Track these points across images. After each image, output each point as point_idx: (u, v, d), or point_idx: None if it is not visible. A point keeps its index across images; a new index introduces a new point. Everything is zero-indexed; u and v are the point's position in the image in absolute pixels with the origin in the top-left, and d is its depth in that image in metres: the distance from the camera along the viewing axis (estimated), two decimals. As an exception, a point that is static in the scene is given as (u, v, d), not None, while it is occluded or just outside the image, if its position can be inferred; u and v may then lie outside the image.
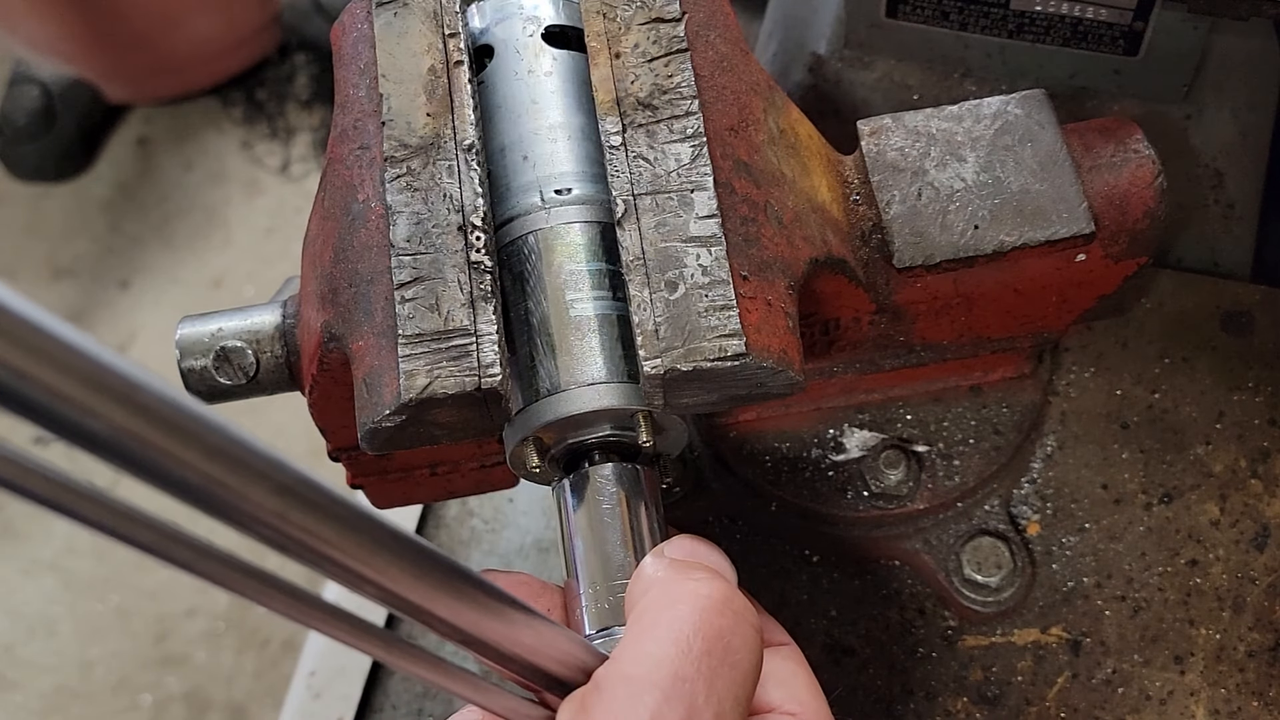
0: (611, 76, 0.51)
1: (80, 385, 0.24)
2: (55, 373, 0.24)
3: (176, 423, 0.26)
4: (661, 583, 0.42)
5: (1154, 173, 0.56)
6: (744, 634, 0.40)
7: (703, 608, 0.39)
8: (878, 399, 0.68)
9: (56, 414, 0.24)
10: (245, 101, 2.37)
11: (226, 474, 0.27)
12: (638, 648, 0.39)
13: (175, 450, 0.26)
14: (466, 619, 0.35)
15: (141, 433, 0.25)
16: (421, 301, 0.46)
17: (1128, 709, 0.64)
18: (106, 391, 0.24)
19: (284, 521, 0.28)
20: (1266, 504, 0.68)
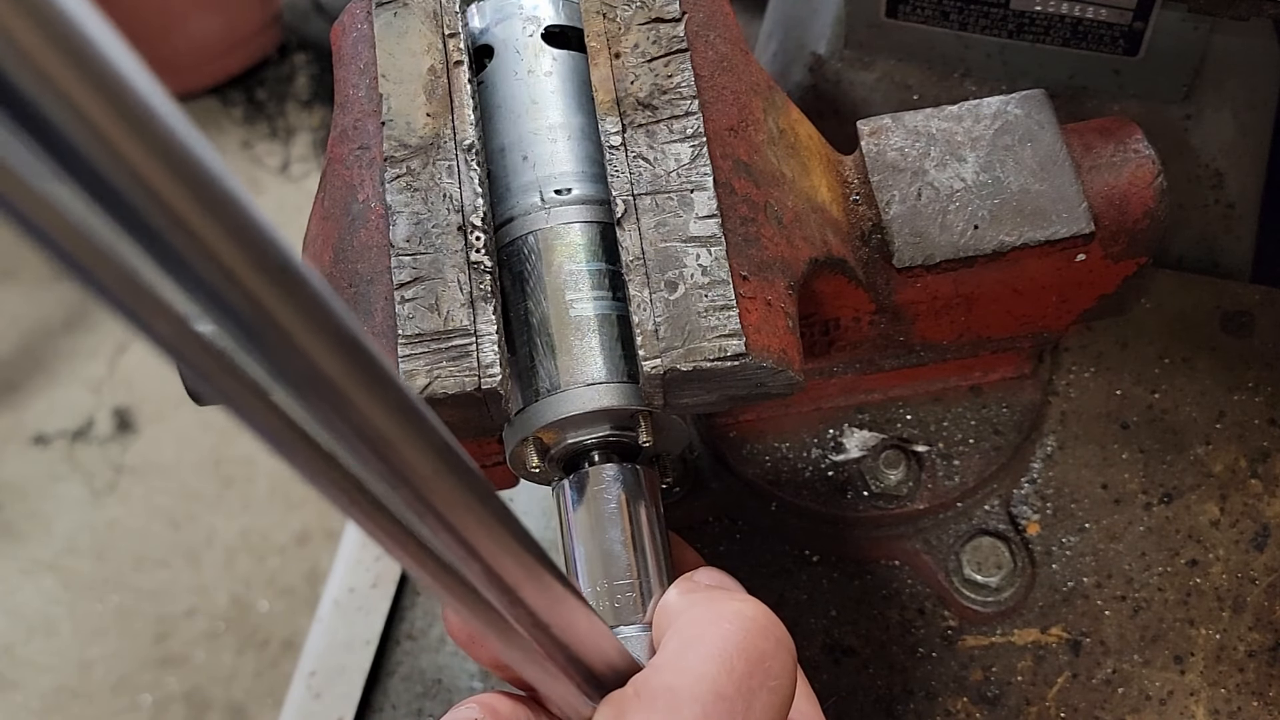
0: (611, 76, 0.51)
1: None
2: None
3: (365, 382, 0.25)
4: (705, 602, 0.43)
5: (1154, 173, 0.56)
6: (783, 660, 0.40)
7: (747, 629, 0.40)
8: (878, 399, 0.68)
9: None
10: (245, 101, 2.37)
11: (397, 430, 0.27)
12: (681, 660, 0.39)
13: (362, 404, 0.26)
14: (541, 601, 0.36)
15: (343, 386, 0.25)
16: (421, 301, 0.46)
17: (1128, 709, 0.64)
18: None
19: (425, 483, 0.28)
20: (1266, 504, 0.68)
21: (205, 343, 0.23)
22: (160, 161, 0.20)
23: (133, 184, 0.20)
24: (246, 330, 0.23)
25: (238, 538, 1.95)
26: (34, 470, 2.06)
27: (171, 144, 0.20)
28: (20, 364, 2.17)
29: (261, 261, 0.22)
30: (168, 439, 2.06)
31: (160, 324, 0.22)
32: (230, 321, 0.23)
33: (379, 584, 0.80)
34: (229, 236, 0.22)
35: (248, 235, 0.22)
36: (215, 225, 0.21)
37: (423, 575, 0.32)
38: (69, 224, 0.20)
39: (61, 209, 0.20)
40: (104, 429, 2.08)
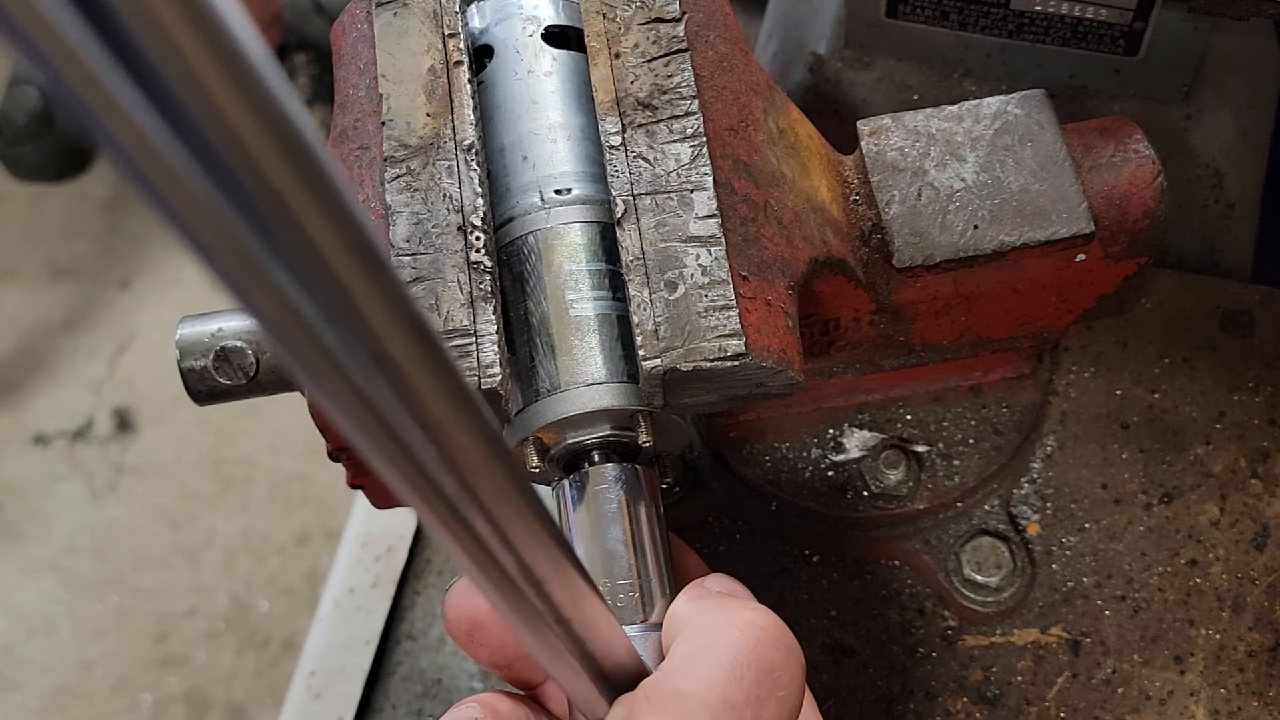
0: (611, 76, 0.51)
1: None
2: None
3: (428, 366, 0.26)
4: (716, 609, 0.43)
5: (1154, 173, 0.56)
6: (793, 671, 0.41)
7: (758, 639, 0.40)
8: (878, 399, 0.68)
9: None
10: (245, 101, 2.37)
11: (450, 416, 0.27)
12: (692, 667, 0.40)
13: (423, 387, 0.27)
14: (566, 597, 0.36)
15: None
16: (421, 301, 0.46)
17: (1128, 709, 0.64)
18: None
19: (455, 440, 0.28)
20: (1266, 504, 0.68)
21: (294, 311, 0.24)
22: (271, 143, 0.21)
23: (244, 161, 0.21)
24: (327, 305, 0.24)
25: (238, 538, 1.95)
26: (34, 470, 2.06)
27: (281, 123, 0.21)
28: (20, 364, 2.17)
29: (348, 241, 0.23)
30: (168, 439, 2.06)
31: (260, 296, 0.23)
32: (314, 295, 0.24)
33: (379, 584, 0.80)
34: (323, 215, 0.23)
35: (339, 214, 0.23)
36: (312, 203, 0.22)
37: (463, 557, 0.32)
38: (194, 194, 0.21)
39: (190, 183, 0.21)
40: (104, 429, 2.08)
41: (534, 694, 0.49)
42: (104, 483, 2.03)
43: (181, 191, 0.21)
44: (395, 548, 0.81)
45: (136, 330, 2.17)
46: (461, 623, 0.48)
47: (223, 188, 0.22)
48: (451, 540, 0.31)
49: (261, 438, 2.02)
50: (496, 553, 0.32)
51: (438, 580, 0.79)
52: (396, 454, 0.28)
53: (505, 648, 0.48)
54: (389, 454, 0.28)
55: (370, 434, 0.27)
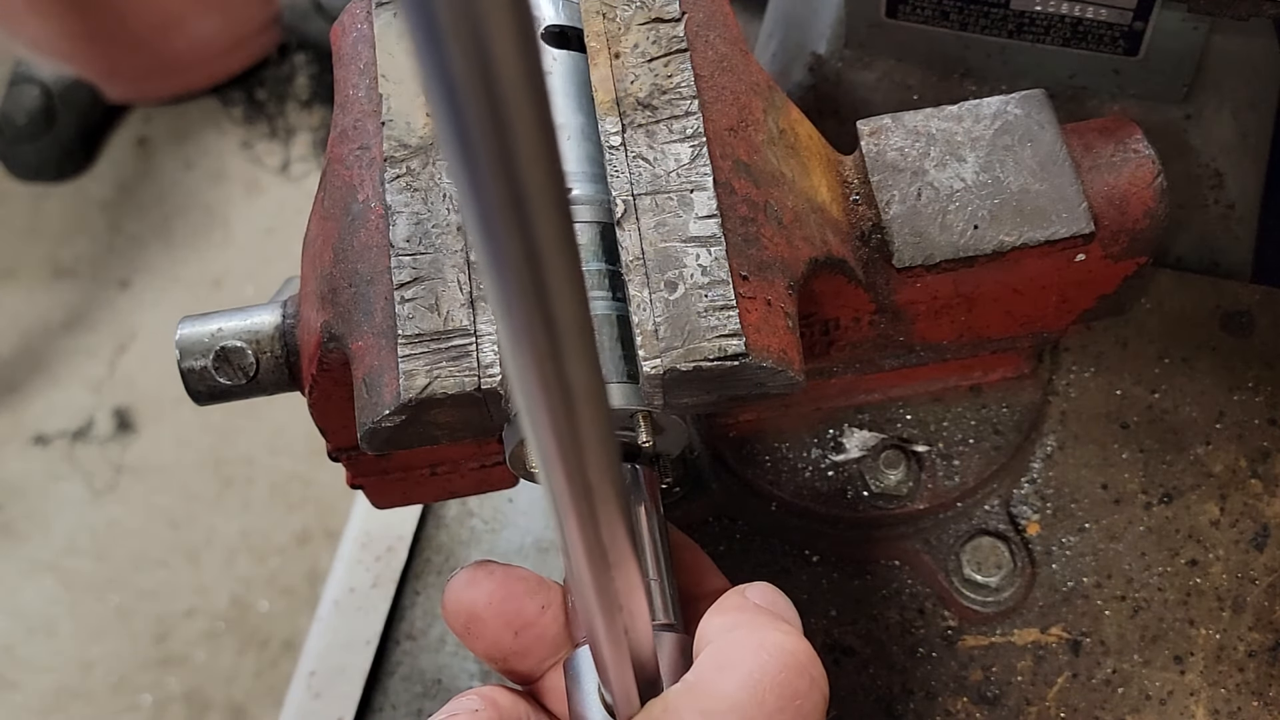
0: (611, 76, 0.51)
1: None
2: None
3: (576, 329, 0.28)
4: (749, 625, 0.43)
5: (1154, 173, 0.56)
6: (815, 701, 0.41)
7: (785, 664, 0.40)
8: (878, 399, 0.68)
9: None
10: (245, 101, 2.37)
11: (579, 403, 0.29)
12: (715, 684, 0.40)
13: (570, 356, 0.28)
14: (625, 584, 0.37)
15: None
16: (421, 301, 0.46)
17: (1128, 709, 0.64)
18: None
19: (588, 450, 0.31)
20: (1266, 504, 0.68)
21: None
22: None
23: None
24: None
25: (238, 538, 1.95)
26: (34, 470, 2.06)
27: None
28: (20, 364, 2.17)
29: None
30: (168, 439, 2.06)
31: None
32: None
33: (379, 584, 0.80)
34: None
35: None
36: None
37: (579, 540, 0.34)
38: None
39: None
40: (104, 429, 2.08)
41: (532, 689, 0.50)
42: (104, 483, 2.03)
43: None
44: (395, 548, 0.81)
45: (136, 330, 2.17)
46: (460, 615, 0.48)
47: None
48: (577, 520, 0.33)
49: (261, 438, 2.02)
50: (595, 533, 0.34)
51: (437, 580, 0.79)
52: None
53: (502, 641, 0.48)
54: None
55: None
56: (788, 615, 0.47)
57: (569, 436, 0.30)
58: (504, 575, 0.49)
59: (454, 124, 0.22)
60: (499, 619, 0.48)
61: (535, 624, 0.48)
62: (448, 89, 0.22)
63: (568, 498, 0.32)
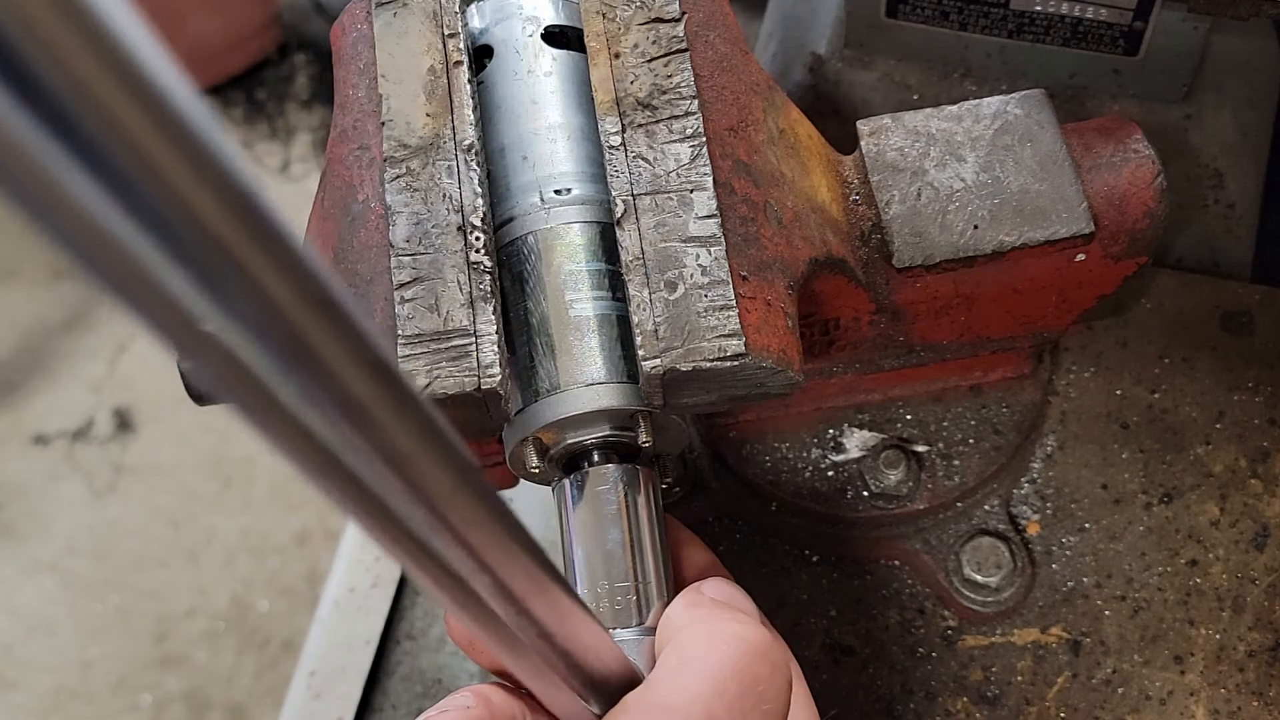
0: (611, 76, 0.51)
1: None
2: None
3: (392, 403, 0.26)
4: (705, 619, 0.43)
5: (1154, 173, 0.56)
6: (778, 685, 0.41)
7: (744, 652, 0.40)
8: (878, 399, 0.68)
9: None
10: (245, 101, 2.37)
11: (416, 449, 0.27)
12: (675, 680, 0.40)
13: (387, 423, 0.26)
14: (549, 613, 0.36)
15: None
16: (421, 302, 0.46)
17: (1128, 709, 0.64)
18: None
19: (421, 470, 0.28)
20: (1266, 504, 0.67)
21: (225, 351, 0.23)
22: (210, 190, 0.21)
23: (182, 213, 0.21)
24: (281, 353, 0.23)
25: (238, 538, 1.95)
26: (34, 470, 2.06)
27: (220, 170, 0.21)
28: (20, 364, 2.17)
29: (302, 288, 0.23)
30: (168, 439, 2.06)
31: (175, 326, 0.22)
32: (265, 344, 0.23)
33: (379, 584, 0.80)
34: (274, 264, 0.22)
35: (289, 261, 0.23)
36: (261, 254, 0.22)
37: (431, 586, 0.32)
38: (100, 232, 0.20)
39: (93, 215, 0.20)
40: (104, 429, 2.08)
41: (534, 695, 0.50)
42: (104, 483, 2.03)
43: (114, 251, 0.20)
44: (395, 548, 0.81)
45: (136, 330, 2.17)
46: (464, 636, 0.49)
47: (162, 237, 0.21)
48: (419, 570, 0.31)
49: (261, 438, 2.01)
50: (467, 575, 0.32)
51: (438, 580, 0.79)
52: (361, 496, 0.27)
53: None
54: (352, 497, 0.27)
55: (329, 475, 0.26)
56: (744, 607, 0.47)
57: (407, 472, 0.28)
58: None
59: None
60: None
61: None
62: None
63: (410, 553, 0.30)
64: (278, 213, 0.22)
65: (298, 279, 0.23)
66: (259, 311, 0.22)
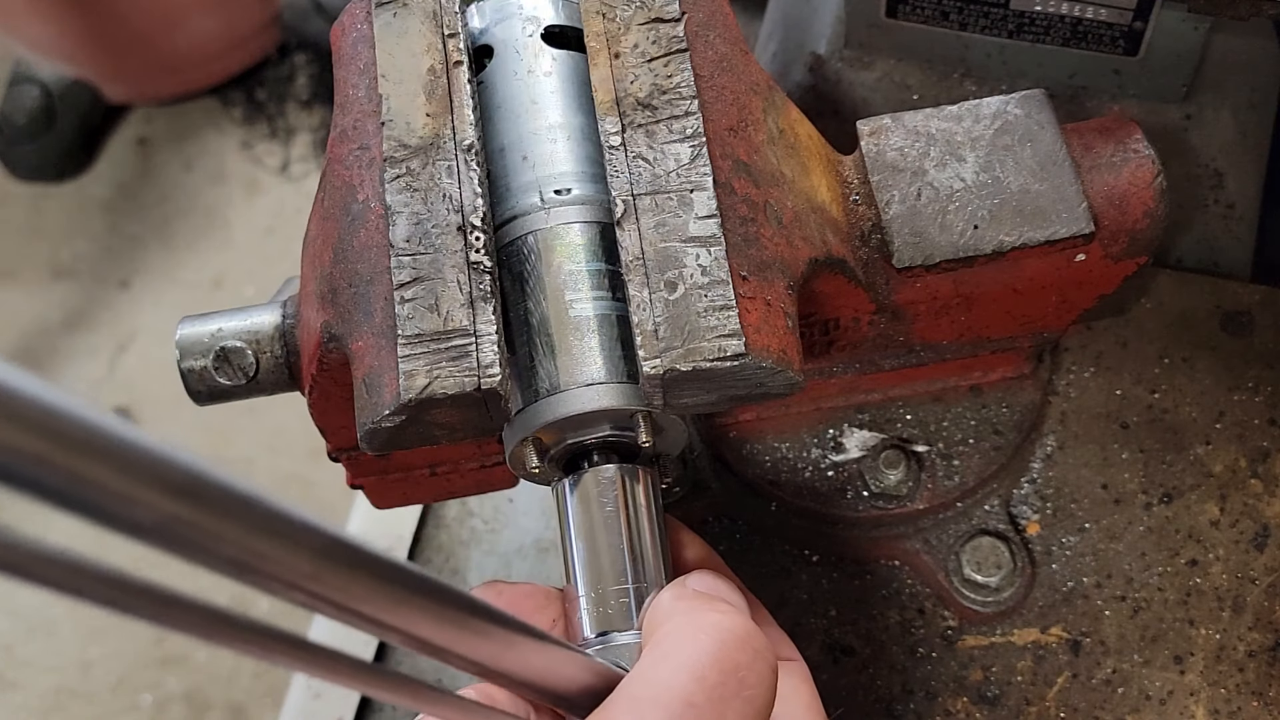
0: (611, 77, 0.51)
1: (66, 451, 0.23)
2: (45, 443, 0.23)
3: (190, 487, 0.26)
4: (685, 612, 0.43)
5: (1154, 173, 0.56)
6: (760, 671, 0.40)
7: (723, 640, 0.40)
8: (878, 399, 0.68)
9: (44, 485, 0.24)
10: (245, 101, 2.37)
11: (267, 547, 0.27)
12: (652, 673, 0.40)
13: (202, 520, 0.26)
14: (484, 652, 0.36)
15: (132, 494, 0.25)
16: (421, 302, 0.46)
17: (1128, 709, 0.64)
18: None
19: (273, 564, 0.28)
20: (1266, 504, 0.67)
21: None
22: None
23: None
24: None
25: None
26: (34, 470, 2.05)
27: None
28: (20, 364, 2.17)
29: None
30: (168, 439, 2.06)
31: None
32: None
33: (379, 584, 0.80)
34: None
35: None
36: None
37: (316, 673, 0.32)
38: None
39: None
40: (104, 429, 2.08)
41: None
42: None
43: None
44: (395, 548, 0.81)
45: (136, 330, 2.17)
46: None
47: None
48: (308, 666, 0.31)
49: (261, 438, 2.01)
50: (383, 633, 0.32)
51: (438, 580, 0.79)
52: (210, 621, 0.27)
53: None
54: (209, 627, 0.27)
55: (176, 615, 0.27)
56: (730, 597, 0.46)
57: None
58: (512, 595, 0.49)
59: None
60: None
61: None
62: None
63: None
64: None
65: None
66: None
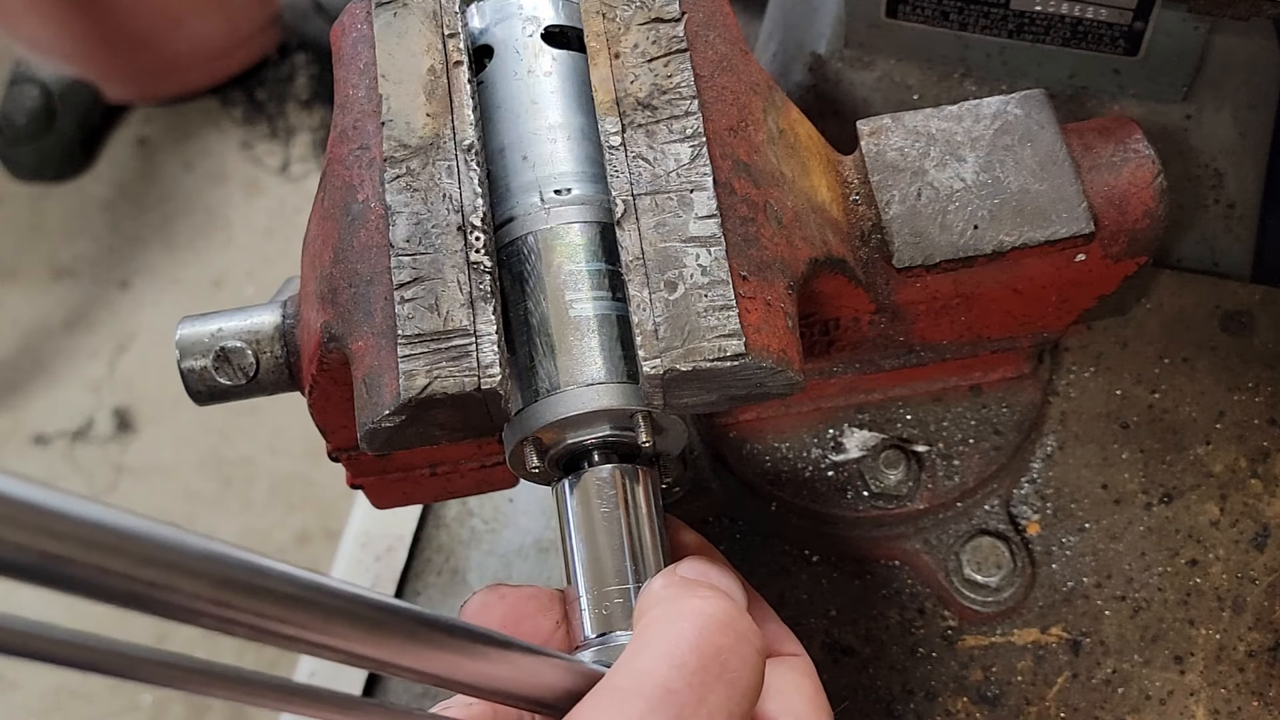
0: (611, 77, 0.51)
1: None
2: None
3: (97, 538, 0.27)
4: (668, 599, 0.42)
5: (1154, 173, 0.56)
6: (744, 654, 0.40)
7: (703, 626, 0.40)
8: (878, 399, 0.68)
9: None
10: (245, 101, 2.37)
11: (162, 576, 0.28)
12: (632, 663, 0.39)
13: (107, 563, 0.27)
14: (444, 666, 0.36)
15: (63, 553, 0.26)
16: (421, 302, 0.46)
17: (1128, 709, 0.64)
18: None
19: (230, 609, 0.29)
20: (1266, 504, 0.68)
21: None
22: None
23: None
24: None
25: (238, 538, 1.95)
26: (34, 470, 2.06)
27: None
28: (20, 364, 2.17)
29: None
30: (168, 439, 2.06)
31: None
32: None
33: (379, 584, 0.80)
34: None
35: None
36: None
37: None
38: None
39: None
40: (104, 429, 2.08)
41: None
42: (104, 483, 2.03)
43: None
44: (395, 548, 0.81)
45: (136, 330, 2.17)
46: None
47: None
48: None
49: (261, 438, 2.02)
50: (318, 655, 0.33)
51: (437, 580, 0.79)
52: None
53: None
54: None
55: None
56: (719, 581, 0.46)
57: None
58: (515, 598, 0.49)
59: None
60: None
61: (550, 640, 0.49)
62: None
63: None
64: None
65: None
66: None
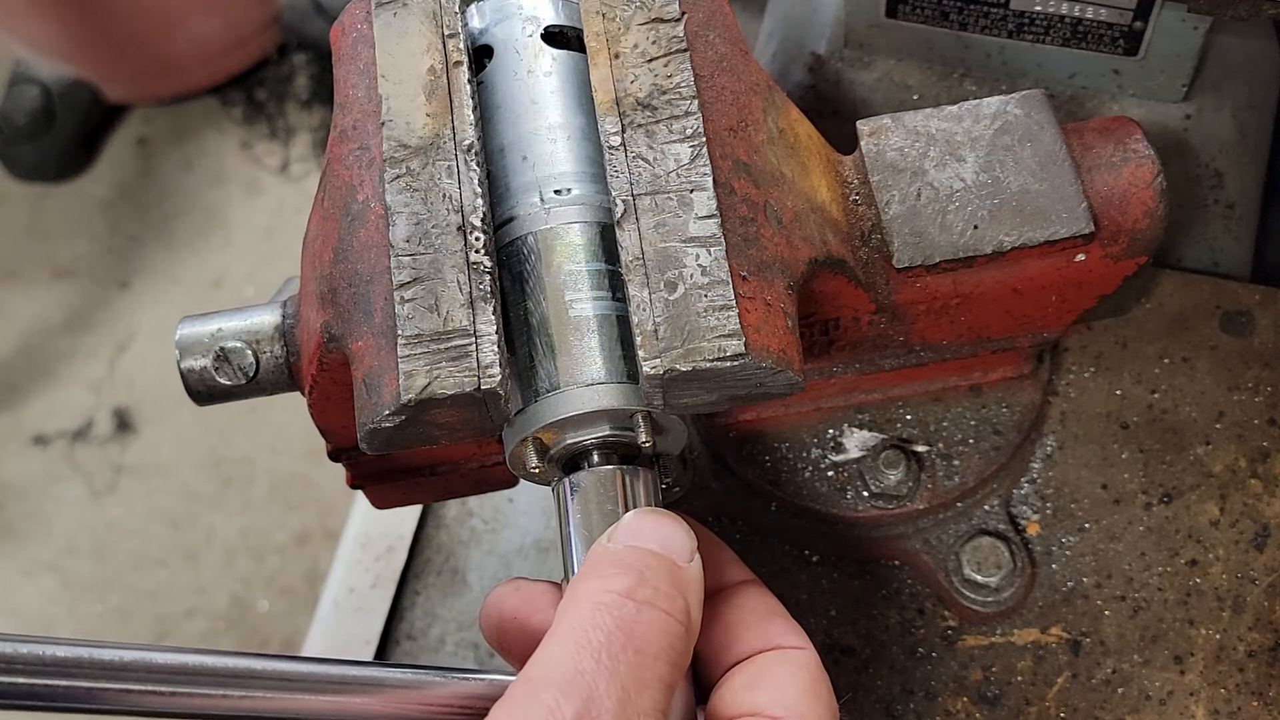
0: (611, 77, 0.51)
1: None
2: None
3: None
4: (572, 585, 0.43)
5: (1154, 173, 0.56)
6: (650, 618, 0.40)
7: (601, 602, 0.41)
8: (878, 399, 0.68)
9: None
10: (245, 101, 2.37)
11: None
12: (543, 652, 0.40)
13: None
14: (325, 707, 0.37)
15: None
16: (421, 302, 0.46)
17: (1128, 709, 0.64)
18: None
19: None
20: (1266, 504, 0.68)
21: None
22: None
23: None
24: None
25: (237, 538, 1.96)
26: (34, 470, 2.06)
27: None
28: (20, 364, 2.17)
29: None
30: (168, 439, 2.06)
31: None
32: None
33: (379, 584, 0.80)
34: None
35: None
36: None
37: None
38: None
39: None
40: (104, 429, 2.08)
41: None
42: (104, 483, 2.03)
43: None
44: (395, 548, 0.81)
45: (136, 330, 2.17)
46: (490, 630, 0.50)
47: None
48: None
49: (261, 438, 2.02)
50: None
51: (437, 580, 0.79)
52: None
53: (530, 651, 0.48)
54: None
55: None
56: (657, 536, 0.45)
57: None
58: (530, 591, 0.50)
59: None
60: (523, 632, 0.49)
61: None
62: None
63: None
64: None
65: None
66: None
